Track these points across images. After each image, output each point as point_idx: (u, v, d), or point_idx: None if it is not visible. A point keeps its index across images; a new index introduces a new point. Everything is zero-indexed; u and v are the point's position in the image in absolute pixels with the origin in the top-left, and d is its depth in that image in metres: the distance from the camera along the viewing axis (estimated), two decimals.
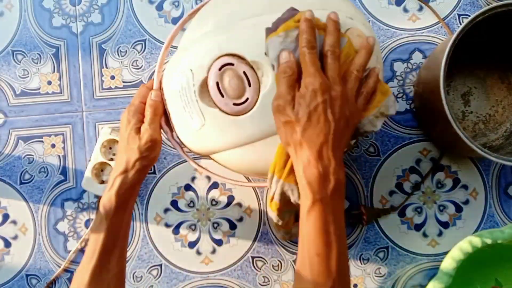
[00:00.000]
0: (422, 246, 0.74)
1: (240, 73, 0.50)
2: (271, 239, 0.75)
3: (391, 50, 0.76)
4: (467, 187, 0.75)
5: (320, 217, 0.46)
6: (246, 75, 0.50)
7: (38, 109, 0.78)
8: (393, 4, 0.77)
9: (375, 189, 0.75)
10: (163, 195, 0.76)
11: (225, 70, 0.50)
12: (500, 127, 0.74)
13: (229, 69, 0.50)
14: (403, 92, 0.76)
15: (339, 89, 0.47)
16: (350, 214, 0.74)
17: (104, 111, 0.77)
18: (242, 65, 0.50)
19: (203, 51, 0.52)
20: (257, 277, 0.75)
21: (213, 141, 0.55)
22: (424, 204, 0.75)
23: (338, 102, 0.46)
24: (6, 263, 0.76)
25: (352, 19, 0.52)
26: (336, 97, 0.46)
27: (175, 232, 0.75)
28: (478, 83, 0.75)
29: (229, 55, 0.50)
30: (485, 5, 0.76)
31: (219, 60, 0.50)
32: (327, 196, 0.46)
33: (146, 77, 0.77)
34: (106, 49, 0.78)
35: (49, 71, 0.78)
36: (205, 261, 0.75)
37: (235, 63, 0.50)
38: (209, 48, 0.52)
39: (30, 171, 0.77)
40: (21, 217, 0.77)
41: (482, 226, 0.74)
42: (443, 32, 0.76)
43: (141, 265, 0.75)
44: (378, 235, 0.74)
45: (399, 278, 0.74)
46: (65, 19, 0.79)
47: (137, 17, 0.78)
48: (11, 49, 0.79)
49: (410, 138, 0.75)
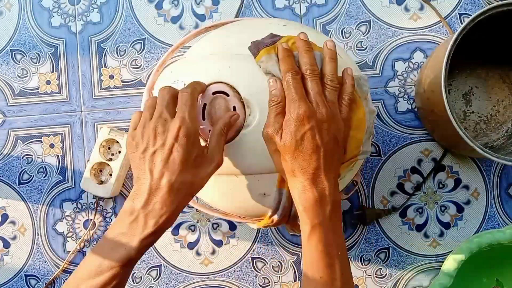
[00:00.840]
0: (423, 247, 0.74)
1: (230, 106, 0.50)
2: (271, 240, 0.74)
3: (392, 50, 0.76)
4: (469, 188, 0.74)
5: (321, 240, 0.46)
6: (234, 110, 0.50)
7: (37, 109, 0.77)
8: (394, 3, 0.77)
9: (376, 189, 0.75)
10: None
11: (218, 97, 0.50)
12: (501, 127, 0.74)
13: (222, 98, 0.50)
14: (404, 91, 0.76)
15: (324, 111, 0.46)
16: (352, 215, 0.74)
17: (103, 110, 0.77)
18: (236, 100, 0.50)
19: (203, 70, 0.51)
20: (257, 278, 0.74)
21: None
22: (425, 204, 0.74)
23: (325, 125, 0.46)
24: (5, 264, 0.76)
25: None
26: (322, 120, 0.46)
27: (174, 232, 0.75)
28: (479, 82, 0.75)
29: (227, 84, 0.50)
30: (486, 4, 0.76)
31: (217, 85, 0.50)
32: (325, 219, 0.46)
33: (145, 77, 0.77)
34: (105, 48, 0.78)
35: (48, 71, 0.78)
36: (204, 262, 0.75)
37: (230, 95, 0.50)
38: (210, 69, 0.51)
39: (29, 171, 0.77)
40: (20, 217, 0.76)
41: (483, 226, 0.74)
42: (444, 32, 0.76)
43: (140, 266, 0.75)
44: (379, 235, 0.74)
45: (400, 279, 0.74)
46: (64, 18, 0.79)
47: (136, 16, 0.78)
48: (10, 48, 0.78)
49: (412, 138, 0.75)
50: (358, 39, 0.76)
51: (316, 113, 0.45)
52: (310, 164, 0.46)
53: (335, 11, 0.77)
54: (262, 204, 0.54)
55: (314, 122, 0.45)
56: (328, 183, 0.46)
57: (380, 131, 0.75)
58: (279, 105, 0.47)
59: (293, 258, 0.74)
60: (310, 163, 0.45)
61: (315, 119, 0.45)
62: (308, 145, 0.45)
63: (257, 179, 0.52)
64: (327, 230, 0.46)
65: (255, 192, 0.53)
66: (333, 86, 0.48)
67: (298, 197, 0.46)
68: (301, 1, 0.77)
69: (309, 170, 0.46)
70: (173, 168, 0.44)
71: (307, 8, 0.77)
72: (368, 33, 0.76)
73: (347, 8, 0.77)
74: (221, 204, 0.57)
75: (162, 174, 0.44)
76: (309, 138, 0.45)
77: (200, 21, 0.78)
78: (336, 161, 0.48)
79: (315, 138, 0.45)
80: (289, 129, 0.45)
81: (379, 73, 0.76)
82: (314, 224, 0.46)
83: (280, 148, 0.46)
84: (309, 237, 0.46)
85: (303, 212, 0.46)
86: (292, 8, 0.77)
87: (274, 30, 0.53)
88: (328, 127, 0.46)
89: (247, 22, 0.59)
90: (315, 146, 0.45)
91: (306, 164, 0.46)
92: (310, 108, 0.45)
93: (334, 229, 0.47)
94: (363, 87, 0.52)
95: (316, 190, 0.46)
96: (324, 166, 0.46)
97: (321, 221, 0.46)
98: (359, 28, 0.76)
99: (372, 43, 0.76)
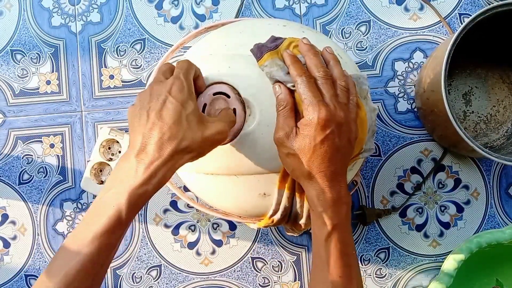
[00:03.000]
0: (423, 247, 0.74)
1: (230, 107, 0.50)
2: (271, 240, 0.75)
3: (392, 50, 0.76)
4: (468, 188, 0.74)
5: (340, 241, 0.47)
6: (234, 112, 0.50)
7: (37, 109, 0.77)
8: (394, 3, 0.77)
9: (376, 189, 0.75)
10: (163, 195, 0.75)
11: (218, 97, 0.50)
12: (501, 127, 0.74)
13: (222, 99, 0.50)
14: (404, 91, 0.76)
15: (342, 114, 0.46)
16: (352, 215, 0.73)
17: (103, 111, 0.77)
18: (237, 102, 0.50)
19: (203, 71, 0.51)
20: (257, 278, 0.74)
21: None
22: (425, 204, 0.74)
23: (344, 127, 0.46)
24: (5, 264, 0.76)
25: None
26: (341, 123, 0.46)
27: (174, 232, 0.75)
28: (479, 82, 0.75)
29: (227, 85, 0.50)
30: (486, 4, 0.76)
31: (218, 85, 0.50)
32: (343, 220, 0.47)
33: (145, 77, 0.77)
34: (105, 48, 0.78)
35: (48, 71, 0.78)
36: (204, 262, 0.75)
37: (231, 97, 0.50)
38: (210, 70, 0.51)
39: (29, 171, 0.77)
40: (20, 217, 0.76)
41: (483, 226, 0.74)
42: (444, 32, 0.76)
43: (140, 266, 0.75)
44: (379, 235, 0.74)
45: (400, 279, 0.74)
46: (64, 18, 0.79)
47: (136, 16, 0.78)
48: (10, 48, 0.78)
49: (411, 138, 0.75)
50: (358, 39, 0.76)
51: (336, 116, 0.46)
52: (329, 167, 0.46)
53: (335, 11, 0.77)
54: (262, 204, 0.54)
55: (334, 126, 0.45)
56: (344, 184, 0.47)
57: (380, 131, 0.75)
58: (286, 109, 0.47)
59: (293, 258, 0.74)
60: (329, 166, 0.46)
61: (335, 122, 0.46)
62: (328, 148, 0.46)
63: (257, 179, 0.52)
64: (344, 230, 0.47)
65: (255, 192, 0.53)
66: (345, 88, 0.48)
67: (317, 199, 0.47)
68: (301, 1, 0.77)
69: (327, 173, 0.46)
70: (166, 118, 0.43)
71: (307, 8, 0.77)
72: (368, 33, 0.76)
73: (347, 8, 0.77)
74: (221, 204, 0.57)
75: (154, 124, 0.43)
76: (329, 141, 0.45)
77: (200, 21, 0.78)
78: (348, 160, 0.49)
79: (335, 141, 0.46)
80: (308, 132, 0.45)
81: (379, 73, 0.76)
82: (334, 224, 0.46)
83: (296, 151, 0.46)
84: (328, 237, 0.47)
85: (323, 213, 0.47)
86: (292, 8, 0.77)
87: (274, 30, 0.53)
88: (346, 129, 0.47)
89: (246, 22, 0.59)
90: (335, 149, 0.46)
91: (325, 167, 0.46)
92: (331, 111, 0.46)
93: (349, 229, 0.48)
94: (363, 85, 0.52)
95: (335, 192, 0.46)
96: (341, 168, 0.47)
97: (339, 221, 0.47)
98: (359, 28, 0.76)
99: (372, 43, 0.76)
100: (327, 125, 0.45)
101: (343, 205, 0.47)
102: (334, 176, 0.46)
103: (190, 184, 0.58)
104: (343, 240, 0.47)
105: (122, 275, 0.75)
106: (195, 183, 0.57)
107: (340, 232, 0.47)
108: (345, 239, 0.47)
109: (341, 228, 0.47)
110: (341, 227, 0.47)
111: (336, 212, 0.46)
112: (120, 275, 0.75)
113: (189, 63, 0.48)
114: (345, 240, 0.47)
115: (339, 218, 0.47)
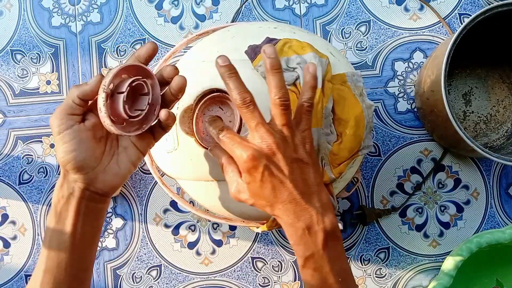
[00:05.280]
0: (423, 247, 0.74)
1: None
2: (271, 240, 0.75)
3: (392, 50, 0.76)
4: (468, 188, 0.74)
5: (315, 272, 0.44)
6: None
7: (37, 109, 0.77)
8: (394, 4, 0.77)
9: (376, 189, 0.75)
10: (163, 195, 0.75)
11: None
12: (501, 127, 0.74)
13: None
14: (404, 91, 0.76)
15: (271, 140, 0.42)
16: (352, 215, 0.74)
17: None
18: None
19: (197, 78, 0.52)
20: (257, 278, 0.74)
21: (179, 167, 0.55)
22: (425, 204, 0.74)
23: (278, 155, 0.43)
24: (5, 264, 0.76)
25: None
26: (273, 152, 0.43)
27: (174, 232, 0.75)
28: (479, 82, 0.75)
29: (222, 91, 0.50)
30: (486, 4, 0.76)
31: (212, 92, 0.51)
32: (318, 250, 0.44)
33: None
34: (105, 48, 0.78)
35: (48, 71, 0.78)
36: (204, 261, 0.75)
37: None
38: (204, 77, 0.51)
39: (29, 171, 0.77)
40: (20, 217, 0.76)
41: (483, 226, 0.74)
42: (444, 32, 0.76)
43: (140, 266, 0.75)
44: (379, 235, 0.74)
45: (400, 278, 0.74)
46: (64, 18, 0.79)
47: (136, 16, 0.78)
48: (10, 48, 0.78)
49: (411, 138, 0.75)
50: (358, 39, 0.76)
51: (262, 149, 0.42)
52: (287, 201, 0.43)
53: (335, 11, 0.77)
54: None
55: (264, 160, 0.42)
56: (313, 210, 0.44)
57: (380, 131, 0.75)
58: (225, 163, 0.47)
59: (293, 258, 0.74)
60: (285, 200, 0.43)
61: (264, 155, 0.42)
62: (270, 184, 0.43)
63: None
64: (322, 260, 0.44)
65: None
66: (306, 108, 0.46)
67: (287, 233, 0.45)
68: (301, 2, 0.77)
69: (289, 207, 0.43)
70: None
71: (307, 9, 0.77)
72: (368, 33, 0.76)
73: (347, 8, 0.77)
74: (223, 210, 0.57)
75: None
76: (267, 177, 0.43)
77: (200, 21, 0.78)
78: (312, 177, 0.45)
79: (273, 175, 0.43)
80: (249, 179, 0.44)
81: (379, 73, 0.76)
82: (306, 256, 0.44)
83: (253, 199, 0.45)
84: (303, 268, 0.45)
85: (293, 246, 0.45)
86: (292, 9, 0.77)
87: (265, 33, 0.53)
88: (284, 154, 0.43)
89: (238, 27, 0.59)
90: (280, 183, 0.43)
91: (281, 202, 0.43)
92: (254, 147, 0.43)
93: (330, 257, 0.44)
94: (357, 83, 0.53)
95: (303, 222, 0.43)
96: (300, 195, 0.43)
97: (313, 252, 0.44)
98: (359, 28, 0.77)
99: (372, 43, 0.76)
100: (256, 164, 0.42)
101: (317, 233, 0.43)
102: (297, 206, 0.43)
103: (191, 191, 0.58)
104: (319, 271, 0.44)
105: (122, 275, 0.75)
106: (196, 191, 0.57)
107: (316, 263, 0.44)
108: (323, 269, 0.44)
109: (317, 258, 0.44)
110: (316, 257, 0.44)
111: (309, 242, 0.44)
112: (120, 275, 0.75)
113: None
114: (322, 270, 0.44)
115: (314, 247, 0.44)
